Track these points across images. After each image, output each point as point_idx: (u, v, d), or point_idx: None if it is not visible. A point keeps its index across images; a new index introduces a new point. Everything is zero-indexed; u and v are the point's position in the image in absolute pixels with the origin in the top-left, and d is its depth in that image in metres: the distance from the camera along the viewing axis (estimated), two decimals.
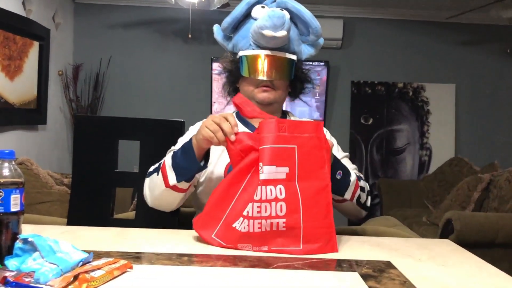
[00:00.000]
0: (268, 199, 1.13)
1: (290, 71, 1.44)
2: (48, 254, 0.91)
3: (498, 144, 5.03)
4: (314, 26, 1.41)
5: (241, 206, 1.14)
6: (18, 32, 3.58)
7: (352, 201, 1.38)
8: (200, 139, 1.23)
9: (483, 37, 5.00)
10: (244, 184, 1.15)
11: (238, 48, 1.46)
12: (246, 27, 1.43)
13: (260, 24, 1.32)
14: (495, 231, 2.66)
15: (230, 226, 1.15)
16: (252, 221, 1.13)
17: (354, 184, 1.36)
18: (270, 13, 1.32)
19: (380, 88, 5.00)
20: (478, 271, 1.09)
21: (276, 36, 1.33)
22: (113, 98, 4.80)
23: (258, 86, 1.44)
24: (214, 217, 1.17)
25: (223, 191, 1.17)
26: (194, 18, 4.24)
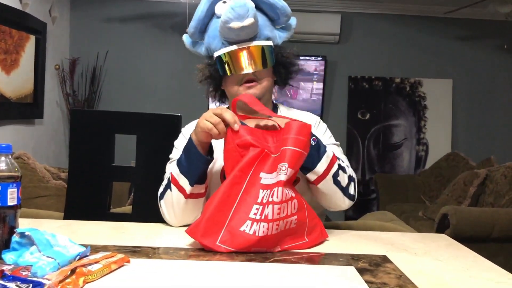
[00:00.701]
0: (286, 199, 1.11)
1: (270, 58, 1.37)
2: (45, 248, 0.91)
3: (494, 140, 5.04)
4: (280, 6, 1.35)
5: (246, 208, 1.10)
6: (14, 26, 3.56)
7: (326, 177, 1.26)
8: (199, 132, 1.20)
9: (480, 32, 5.00)
10: (245, 185, 1.11)
11: (211, 50, 1.39)
12: (213, 27, 1.37)
13: (225, 18, 1.27)
14: (490, 226, 2.67)
15: (237, 230, 1.09)
16: (272, 224, 1.09)
17: (330, 158, 1.26)
18: (232, 4, 1.26)
19: (378, 83, 5.00)
20: (474, 265, 1.09)
21: (244, 26, 1.27)
22: (110, 93, 4.78)
23: (242, 83, 1.38)
24: (216, 222, 1.10)
25: (223, 195, 1.11)
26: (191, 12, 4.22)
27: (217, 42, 1.36)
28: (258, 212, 1.09)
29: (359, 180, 4.88)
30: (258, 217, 1.09)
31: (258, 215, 1.09)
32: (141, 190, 1.70)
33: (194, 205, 1.29)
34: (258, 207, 1.09)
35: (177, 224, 1.33)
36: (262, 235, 1.09)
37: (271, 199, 1.10)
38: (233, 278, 0.96)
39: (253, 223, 1.09)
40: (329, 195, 1.30)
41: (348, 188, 1.31)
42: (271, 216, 1.09)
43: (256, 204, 1.10)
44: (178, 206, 1.28)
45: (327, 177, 1.26)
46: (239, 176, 1.11)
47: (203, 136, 1.21)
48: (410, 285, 0.93)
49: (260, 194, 1.10)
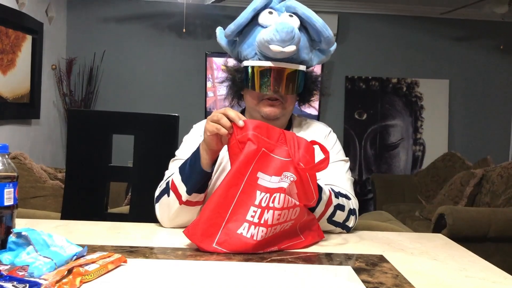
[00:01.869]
0: (288, 206, 1.10)
1: (299, 83, 1.33)
2: (42, 248, 0.91)
3: (490, 140, 5.06)
4: (326, 35, 1.30)
5: (243, 209, 1.09)
6: (10, 26, 3.55)
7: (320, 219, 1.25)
8: (207, 137, 1.16)
9: (476, 33, 5.02)
10: (242, 185, 1.09)
11: (243, 56, 1.34)
12: (252, 34, 1.30)
13: (267, 38, 1.23)
14: (487, 226, 2.68)
15: (234, 232, 1.08)
16: (270, 228, 1.09)
17: (325, 203, 1.23)
18: (278, 26, 1.22)
19: (374, 84, 5.01)
20: (470, 265, 1.10)
21: (284, 51, 1.23)
22: (107, 93, 4.78)
23: (263, 99, 1.33)
24: (213, 224, 1.09)
25: (220, 196, 1.09)
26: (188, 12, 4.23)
27: (251, 51, 1.31)
28: (256, 215, 1.08)
29: (356, 180, 4.89)
30: (256, 221, 1.08)
31: (256, 218, 1.08)
32: (138, 190, 1.70)
33: (189, 211, 1.27)
34: (255, 210, 1.08)
35: (169, 226, 1.31)
36: (260, 239, 1.08)
37: (272, 204, 1.08)
38: (231, 278, 0.96)
39: (250, 226, 1.08)
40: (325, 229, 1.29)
41: (345, 223, 1.30)
42: (270, 222, 1.08)
43: (253, 206, 1.08)
44: (173, 211, 1.27)
45: (321, 219, 1.25)
46: (237, 176, 1.09)
47: (213, 142, 1.17)
48: (407, 284, 0.93)
49: (258, 196, 1.08)
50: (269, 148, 1.12)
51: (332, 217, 1.26)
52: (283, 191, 1.08)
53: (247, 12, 1.28)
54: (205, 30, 4.82)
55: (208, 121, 1.16)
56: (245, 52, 1.33)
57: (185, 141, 1.44)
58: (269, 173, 1.10)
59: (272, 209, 1.08)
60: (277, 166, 1.11)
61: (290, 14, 1.30)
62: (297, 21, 1.29)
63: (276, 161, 1.11)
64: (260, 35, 1.26)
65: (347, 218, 1.30)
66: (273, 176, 1.10)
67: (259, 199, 1.08)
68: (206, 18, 4.78)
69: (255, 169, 1.10)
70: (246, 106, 1.43)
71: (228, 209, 1.09)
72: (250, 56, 1.31)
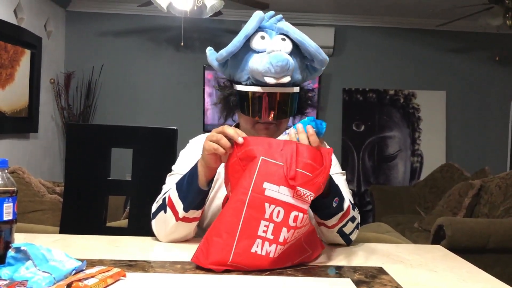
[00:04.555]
0: (305, 224, 1.08)
1: (294, 105, 1.32)
2: (41, 262, 0.91)
3: (488, 150, 5.08)
4: (320, 59, 1.29)
5: (253, 224, 1.05)
6: (9, 40, 3.57)
7: (331, 229, 1.26)
8: (206, 156, 1.15)
9: (472, 44, 5.06)
10: (248, 198, 1.05)
11: (235, 79, 1.32)
12: (244, 59, 1.28)
13: (261, 70, 1.22)
14: (486, 237, 2.68)
15: (248, 252, 1.04)
16: (288, 245, 1.06)
17: (344, 213, 1.23)
18: (272, 60, 1.20)
19: (372, 95, 5.03)
20: (470, 277, 1.10)
21: (279, 83, 1.23)
22: (105, 106, 4.79)
23: (258, 122, 1.32)
24: (224, 246, 1.04)
25: (225, 215, 1.07)
26: (186, 26, 4.26)
27: (244, 75, 1.29)
28: (268, 230, 1.04)
29: (354, 192, 4.89)
30: (271, 237, 1.04)
31: (270, 234, 1.04)
32: (137, 203, 1.69)
33: (186, 227, 1.26)
34: (266, 224, 1.04)
35: (166, 241, 1.30)
36: (276, 256, 1.05)
37: (294, 224, 1.05)
38: None
39: (264, 242, 1.04)
40: (329, 237, 1.30)
41: (349, 235, 1.30)
42: (289, 239, 1.06)
43: (263, 220, 1.04)
44: (169, 227, 1.26)
45: (334, 228, 1.26)
46: (241, 192, 1.06)
47: (212, 160, 1.15)
48: None
49: (267, 209, 1.04)
50: (269, 155, 1.08)
51: (343, 228, 1.26)
52: (305, 212, 1.06)
53: (239, 39, 1.25)
54: (202, 43, 4.85)
55: (207, 141, 1.14)
56: (238, 76, 1.31)
57: (181, 156, 1.44)
58: (276, 182, 1.05)
59: (293, 228, 1.05)
60: (281, 174, 1.06)
61: (282, 37, 1.27)
62: (290, 45, 1.27)
63: (280, 168, 1.06)
64: (253, 63, 1.25)
65: (352, 231, 1.30)
66: (281, 186, 1.05)
67: (269, 212, 1.04)
68: (203, 32, 4.81)
69: (259, 180, 1.05)
70: (240, 125, 1.42)
71: (236, 227, 1.04)
72: (243, 80, 1.30)
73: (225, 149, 1.11)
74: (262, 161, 1.07)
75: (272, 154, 1.08)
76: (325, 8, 4.74)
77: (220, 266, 1.04)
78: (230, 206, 1.06)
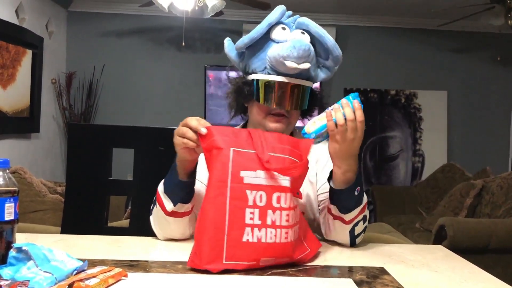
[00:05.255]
0: (292, 206, 1.08)
1: (306, 99, 1.34)
2: (43, 262, 0.91)
3: (490, 150, 5.07)
4: (336, 55, 1.32)
5: (239, 214, 1.04)
6: (11, 41, 3.58)
7: (347, 225, 1.24)
8: (178, 151, 1.15)
9: (474, 44, 5.05)
10: (228, 190, 1.04)
11: (251, 69, 1.34)
12: (263, 48, 1.30)
13: (284, 54, 1.23)
14: (488, 237, 2.67)
15: (240, 242, 1.04)
16: (280, 231, 1.06)
17: (361, 209, 1.22)
18: (296, 43, 1.23)
19: (373, 95, 5.03)
20: (471, 277, 1.09)
21: (299, 68, 1.24)
22: (107, 106, 4.79)
23: (270, 113, 1.34)
24: (215, 243, 1.03)
25: (209, 211, 1.05)
26: (187, 26, 4.26)
27: (261, 64, 1.31)
28: (254, 216, 1.04)
29: None
30: (258, 222, 1.04)
31: (257, 220, 1.04)
32: (138, 203, 1.69)
33: (178, 222, 1.26)
34: (252, 211, 1.04)
35: (163, 239, 1.31)
36: (270, 241, 1.05)
37: (278, 204, 1.06)
38: None
39: (253, 229, 1.04)
40: (338, 235, 1.29)
41: (356, 238, 1.29)
42: (279, 222, 1.05)
43: (248, 208, 1.04)
44: (161, 222, 1.27)
45: (348, 225, 1.24)
46: (218, 185, 1.05)
47: (186, 154, 1.15)
48: None
49: (249, 196, 1.05)
50: (238, 145, 1.08)
51: (355, 226, 1.25)
52: (288, 191, 1.07)
53: (262, 26, 1.28)
54: (204, 43, 4.85)
55: (176, 135, 1.15)
56: (255, 66, 1.32)
57: None
58: (252, 168, 1.06)
59: (279, 209, 1.06)
60: (255, 159, 1.07)
61: (302, 31, 1.31)
62: (309, 39, 1.30)
63: (252, 155, 1.08)
64: (274, 50, 1.26)
65: (360, 233, 1.29)
66: (258, 171, 1.06)
67: (251, 199, 1.05)
68: (205, 32, 4.81)
69: (235, 170, 1.05)
70: (249, 119, 1.44)
71: (223, 220, 1.04)
72: (259, 70, 1.31)
73: (193, 142, 1.11)
74: (234, 152, 1.07)
75: (240, 143, 1.09)
76: (327, 8, 4.74)
77: (216, 265, 1.03)
78: (211, 202, 1.05)
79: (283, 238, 1.06)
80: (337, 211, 1.23)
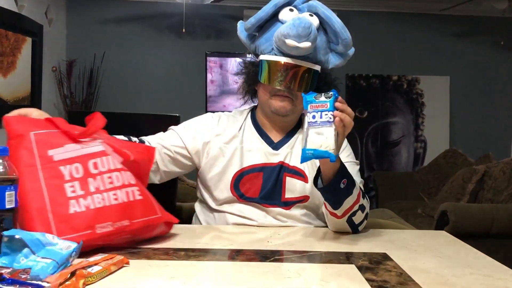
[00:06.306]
0: (113, 169, 1.10)
1: (312, 82, 1.32)
2: (38, 248, 0.90)
3: (492, 136, 5.05)
4: (344, 37, 1.32)
5: (60, 192, 1.04)
6: (10, 28, 3.55)
7: (340, 219, 1.24)
8: None
9: (477, 29, 5.00)
10: (40, 172, 1.04)
11: (260, 50, 1.35)
12: (271, 29, 1.32)
13: (284, 32, 1.23)
14: (490, 222, 2.67)
15: (68, 214, 1.02)
16: (107, 194, 1.07)
17: (354, 200, 1.22)
18: (296, 21, 1.22)
19: (375, 81, 5.00)
20: (474, 262, 1.09)
21: (299, 47, 1.23)
22: (108, 94, 4.77)
23: (275, 94, 1.34)
24: (43, 225, 1.00)
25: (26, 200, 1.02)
26: (188, 12, 4.23)
27: (269, 45, 1.32)
28: (76, 188, 1.05)
29: None
30: (82, 192, 1.05)
31: (80, 190, 1.05)
32: None
33: None
34: (72, 184, 1.05)
35: None
36: (99, 206, 1.05)
37: (95, 170, 1.08)
38: (233, 278, 0.95)
39: (79, 199, 1.04)
40: (338, 226, 1.29)
41: (358, 226, 1.29)
42: (103, 187, 1.07)
43: (66, 183, 1.05)
44: None
45: (343, 217, 1.24)
46: (29, 171, 1.04)
47: None
48: (411, 282, 0.93)
49: (64, 171, 1.06)
50: (38, 127, 1.10)
51: (352, 216, 1.25)
52: (103, 154, 1.10)
53: (268, 6, 1.31)
54: (204, 30, 4.81)
55: None
56: (263, 47, 1.34)
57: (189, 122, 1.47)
58: (59, 145, 1.08)
59: (99, 175, 1.08)
60: (61, 136, 1.10)
61: (310, 13, 1.31)
62: (317, 21, 1.30)
63: (55, 133, 1.10)
64: (278, 30, 1.27)
65: (361, 222, 1.29)
66: (66, 145, 1.09)
67: (67, 173, 1.06)
68: (205, 18, 4.77)
69: (42, 152, 1.06)
70: (258, 102, 1.45)
71: (43, 202, 1.02)
72: (267, 51, 1.33)
73: None
74: (35, 135, 1.09)
75: (40, 126, 1.11)
76: None
77: None
78: (26, 191, 1.02)
79: (113, 200, 1.07)
80: (330, 207, 1.24)
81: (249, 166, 1.37)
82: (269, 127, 1.42)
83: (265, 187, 1.36)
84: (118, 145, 1.19)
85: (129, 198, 1.10)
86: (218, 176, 1.37)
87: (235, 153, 1.37)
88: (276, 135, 1.42)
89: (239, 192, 1.36)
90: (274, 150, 1.39)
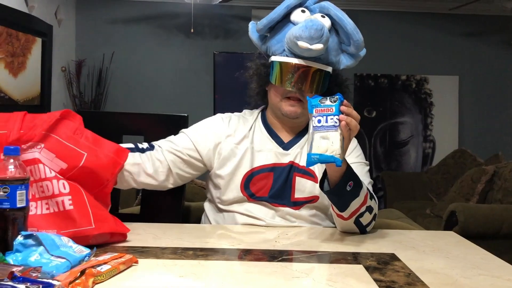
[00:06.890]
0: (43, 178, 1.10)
1: (323, 84, 1.32)
2: (53, 248, 0.92)
3: (501, 136, 5.01)
4: (356, 39, 1.31)
5: None
6: (20, 29, 3.58)
7: (347, 220, 1.25)
8: None
9: (486, 28, 4.97)
10: None
11: (271, 51, 1.35)
12: (283, 30, 1.32)
13: (296, 34, 1.22)
14: (499, 223, 2.66)
15: None
16: (40, 203, 1.09)
17: (361, 201, 1.22)
18: (308, 23, 1.21)
19: (383, 81, 4.98)
20: (483, 263, 1.09)
21: (311, 49, 1.23)
22: (116, 94, 4.80)
23: (286, 97, 1.34)
24: None
25: None
26: (196, 12, 4.24)
27: (280, 47, 1.32)
28: None
29: None
30: None
31: None
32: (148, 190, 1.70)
33: None
34: None
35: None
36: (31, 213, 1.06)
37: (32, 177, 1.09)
38: (242, 277, 0.96)
39: None
40: (345, 227, 1.29)
41: (366, 227, 1.29)
42: (38, 195, 1.09)
43: None
44: None
45: (351, 219, 1.24)
46: None
47: None
48: (419, 283, 0.93)
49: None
50: None
51: (360, 218, 1.25)
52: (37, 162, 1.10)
53: (280, 8, 1.31)
54: (212, 30, 4.82)
55: None
56: (274, 48, 1.34)
57: (184, 132, 1.46)
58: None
59: (34, 182, 1.10)
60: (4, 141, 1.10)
61: (322, 14, 1.31)
62: (328, 22, 1.30)
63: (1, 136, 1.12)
64: (290, 31, 1.26)
65: (369, 223, 1.29)
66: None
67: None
68: (213, 18, 4.78)
69: None
70: (269, 103, 1.44)
71: None
72: (278, 52, 1.33)
73: None
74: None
75: None
76: None
77: None
78: None
79: (45, 209, 1.09)
80: (337, 210, 1.24)
81: (259, 166, 1.37)
82: (279, 127, 1.42)
83: (275, 186, 1.36)
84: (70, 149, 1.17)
85: (59, 208, 1.10)
86: (229, 176, 1.37)
87: (245, 154, 1.37)
88: (286, 136, 1.42)
89: (249, 191, 1.37)
90: (284, 150, 1.39)
